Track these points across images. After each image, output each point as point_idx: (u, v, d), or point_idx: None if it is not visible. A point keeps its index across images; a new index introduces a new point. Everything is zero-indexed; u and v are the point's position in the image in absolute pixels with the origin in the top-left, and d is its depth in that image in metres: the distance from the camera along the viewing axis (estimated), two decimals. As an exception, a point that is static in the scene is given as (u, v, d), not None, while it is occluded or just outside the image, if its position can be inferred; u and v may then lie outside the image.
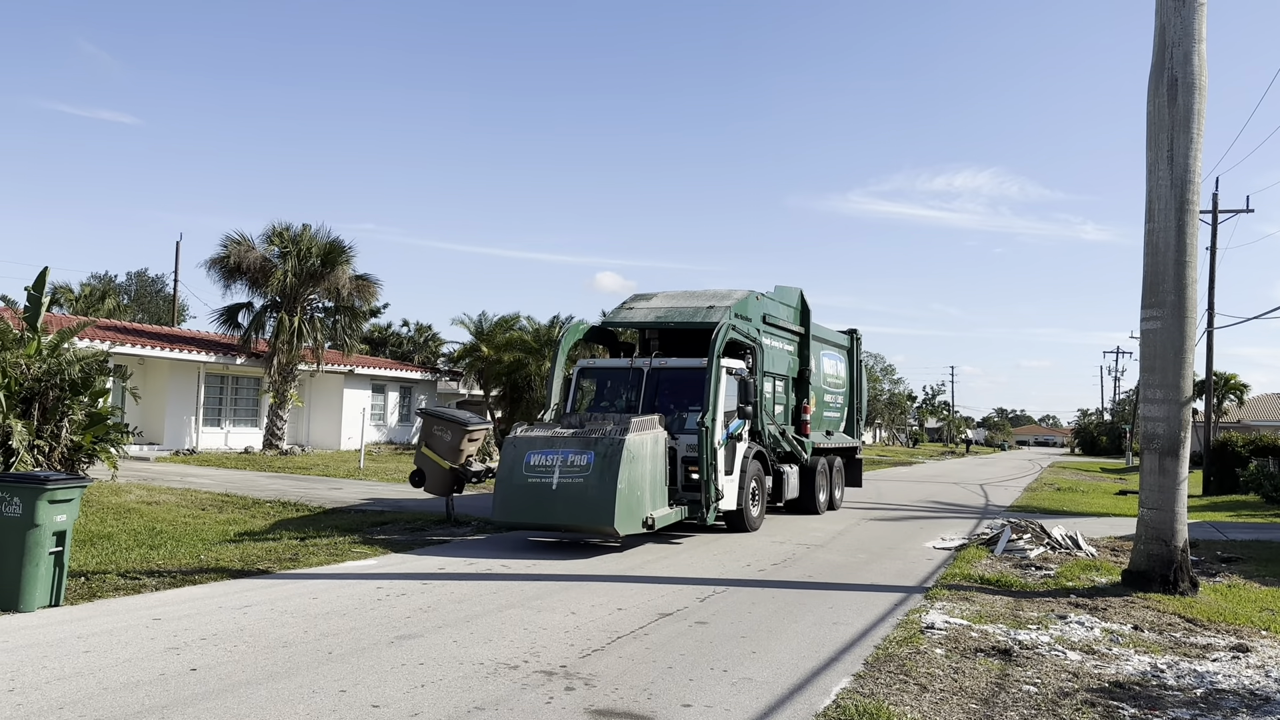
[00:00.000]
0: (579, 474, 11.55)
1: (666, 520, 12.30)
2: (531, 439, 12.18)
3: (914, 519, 18.51)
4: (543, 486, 11.69)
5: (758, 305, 15.68)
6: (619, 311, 15.95)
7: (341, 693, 5.69)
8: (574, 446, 11.78)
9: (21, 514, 7.69)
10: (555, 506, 11.63)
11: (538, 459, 11.84)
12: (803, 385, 17.52)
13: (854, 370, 20.75)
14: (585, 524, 11.70)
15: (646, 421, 12.36)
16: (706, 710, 5.64)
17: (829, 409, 19.21)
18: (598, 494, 11.35)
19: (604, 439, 11.68)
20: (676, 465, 12.99)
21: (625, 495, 11.37)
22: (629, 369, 14.44)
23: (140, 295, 61.66)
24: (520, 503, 11.87)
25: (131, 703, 5.37)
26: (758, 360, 14.85)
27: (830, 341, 19.55)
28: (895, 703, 5.87)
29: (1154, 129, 10.43)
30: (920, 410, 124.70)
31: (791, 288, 17.69)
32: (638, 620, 8.06)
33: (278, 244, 28.59)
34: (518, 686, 5.96)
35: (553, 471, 11.67)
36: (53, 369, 16.56)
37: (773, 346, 16.15)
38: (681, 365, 14.16)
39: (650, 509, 11.84)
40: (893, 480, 32.82)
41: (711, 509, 12.82)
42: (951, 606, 9.09)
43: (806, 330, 17.79)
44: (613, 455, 11.44)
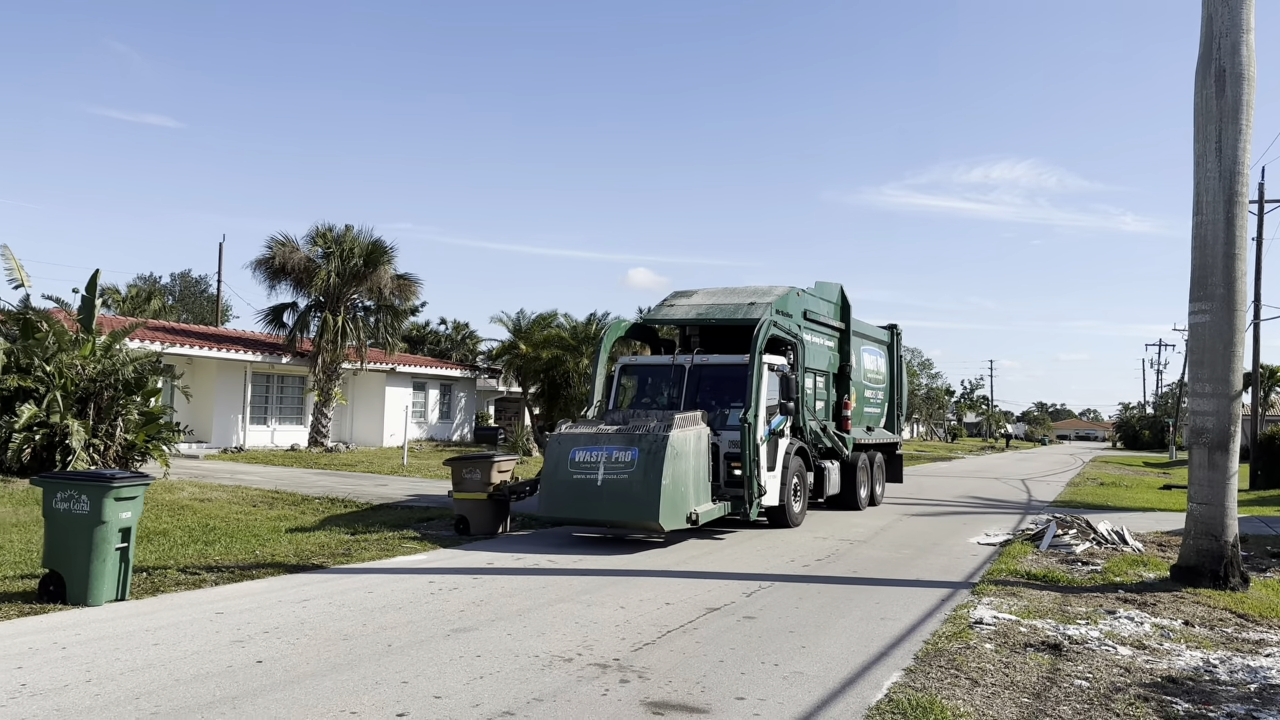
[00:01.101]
0: (624, 470, 11.64)
1: (710, 516, 12.36)
2: (576, 436, 12.27)
3: (956, 514, 18.45)
4: (588, 483, 11.79)
5: (798, 301, 15.67)
6: (660, 309, 16.03)
7: (404, 684, 5.85)
8: (618, 443, 11.88)
9: (89, 511, 7.94)
10: (600, 502, 11.73)
11: (583, 455, 11.95)
12: (843, 381, 17.48)
13: (894, 366, 20.66)
14: (630, 520, 11.79)
15: (689, 418, 12.40)
16: (760, 703, 5.73)
17: (869, 405, 19.13)
18: (642, 490, 11.45)
19: (648, 435, 11.76)
20: (719, 461, 13.02)
21: (669, 491, 11.46)
22: (670, 366, 14.47)
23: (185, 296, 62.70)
24: (566, 499, 11.99)
25: (203, 693, 5.56)
26: (799, 356, 14.89)
27: (870, 337, 19.46)
28: (948, 696, 5.93)
29: (1201, 120, 10.34)
30: (958, 405, 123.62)
31: (831, 283, 17.68)
32: (686, 615, 8.16)
33: (321, 245, 29.01)
34: (573, 679, 6.09)
35: (598, 468, 11.78)
36: (107, 370, 17.00)
37: (813, 342, 16.12)
38: (723, 362, 14.17)
39: (694, 505, 11.92)
40: (932, 475, 32.65)
41: (754, 505, 12.87)
42: (999, 602, 9.10)
43: (847, 326, 17.73)
44: (657, 452, 11.54)
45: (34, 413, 15.97)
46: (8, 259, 18.60)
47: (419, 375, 35.62)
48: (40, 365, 16.54)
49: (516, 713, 5.36)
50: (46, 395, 16.27)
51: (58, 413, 16.25)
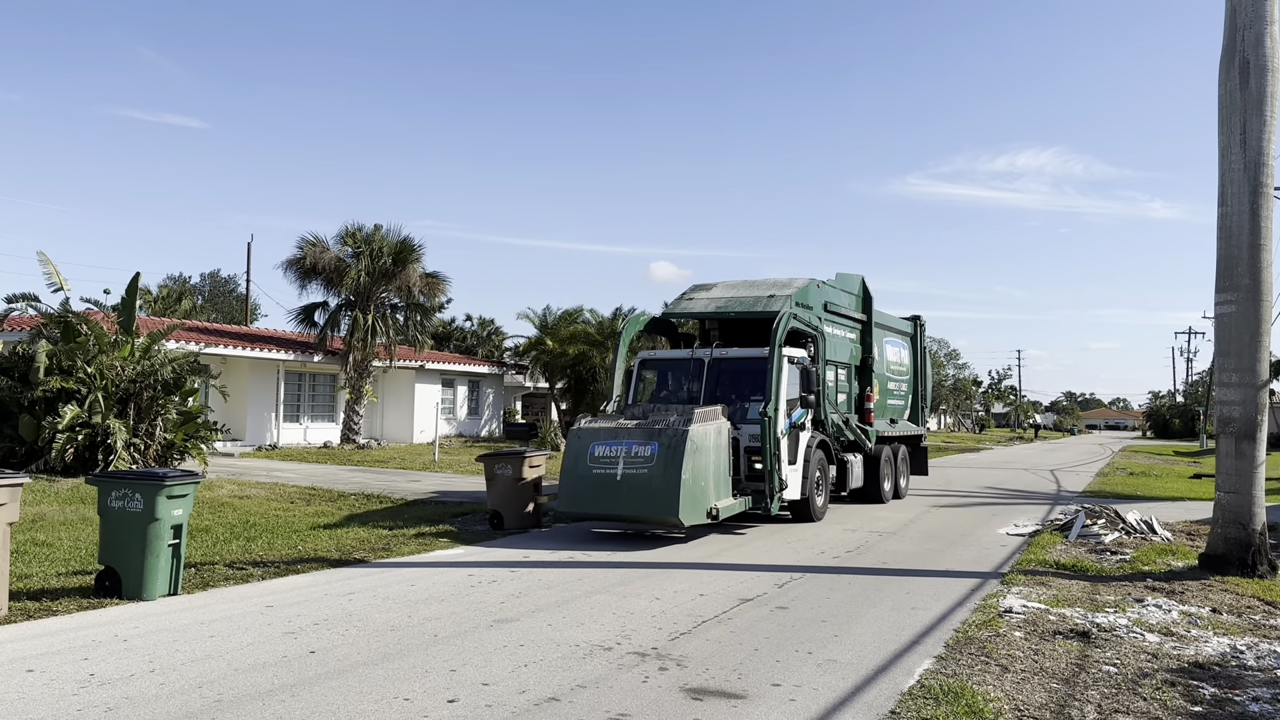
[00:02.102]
0: (643, 465, 11.57)
1: (731, 511, 12.29)
2: (596, 430, 12.23)
3: (985, 505, 18.53)
4: (607, 478, 11.73)
5: (819, 293, 15.58)
6: (679, 302, 15.87)
7: (452, 672, 6.10)
8: (638, 438, 11.81)
9: (143, 509, 8.23)
10: (620, 497, 11.66)
11: (602, 450, 11.89)
12: (866, 373, 17.33)
13: (918, 357, 20.43)
14: (650, 515, 11.75)
15: (709, 412, 12.35)
16: (796, 689, 5.92)
17: (893, 397, 19.00)
18: (662, 485, 11.37)
19: (668, 430, 11.70)
20: (739, 456, 12.93)
21: (689, 486, 11.38)
22: (690, 359, 14.43)
23: (214, 295, 63.50)
24: (585, 494, 11.93)
25: (262, 682, 5.82)
26: (820, 349, 14.81)
27: (893, 328, 19.30)
28: (978, 682, 6.10)
29: (1226, 112, 10.40)
30: (986, 395, 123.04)
31: (853, 274, 17.48)
32: (720, 605, 8.36)
33: (351, 244, 29.41)
34: (614, 667, 6.31)
35: (617, 463, 11.71)
36: (146, 370, 17.39)
37: (835, 334, 16.03)
38: (743, 355, 14.16)
39: (714, 500, 11.84)
40: (960, 467, 32.64)
41: (775, 499, 12.84)
42: (1028, 591, 9.24)
43: (869, 317, 17.57)
44: (676, 446, 11.45)
45: (76, 413, 16.37)
46: (45, 264, 19.01)
47: (448, 372, 35.99)
48: (82, 367, 16.95)
49: (561, 698, 5.59)
50: (88, 396, 16.68)
51: (99, 413, 16.66)
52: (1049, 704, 5.75)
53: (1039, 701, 5.78)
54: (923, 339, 20.72)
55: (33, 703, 5.36)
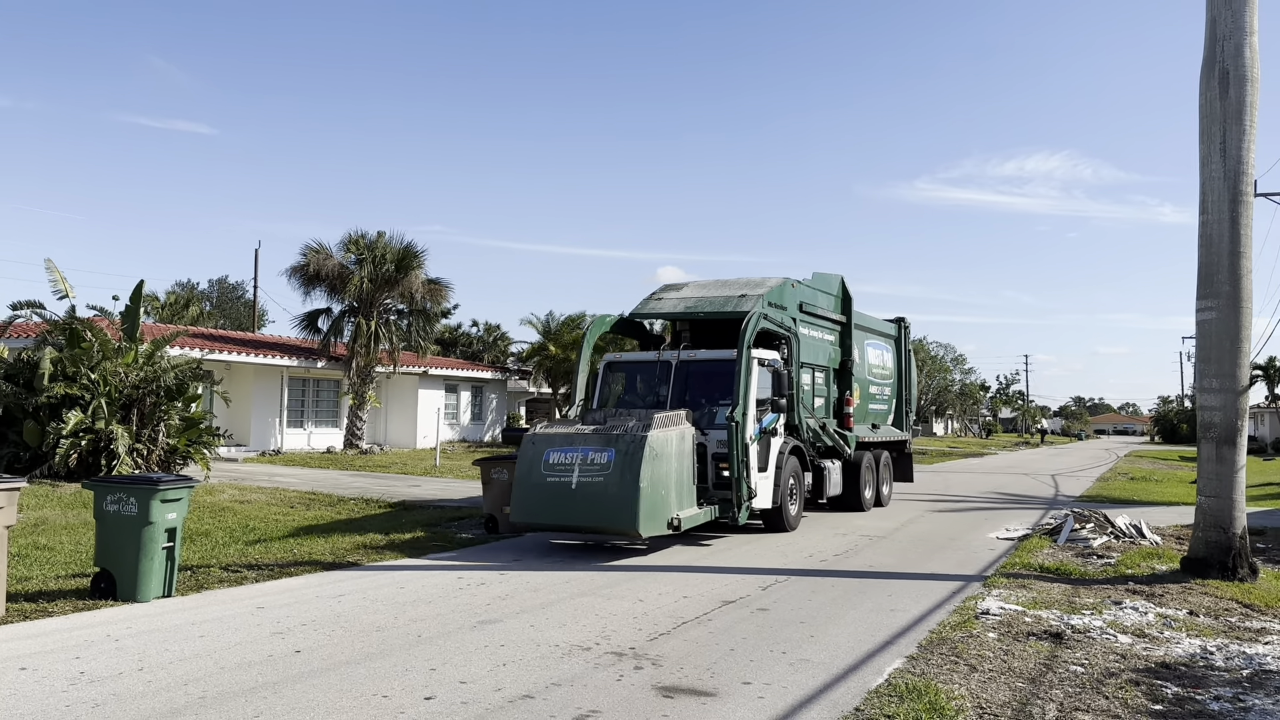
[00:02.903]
0: (599, 473, 11.03)
1: (694, 521, 11.72)
2: (551, 436, 11.69)
3: (979, 510, 18.64)
4: (562, 486, 11.17)
5: (793, 293, 15.06)
6: (647, 303, 15.29)
7: (431, 670, 6.27)
8: (594, 444, 11.27)
9: (137, 513, 8.43)
10: (575, 507, 11.12)
11: (557, 457, 11.35)
12: (845, 377, 16.80)
13: (902, 360, 19.93)
14: (606, 525, 11.14)
15: (672, 417, 11.84)
16: (765, 687, 6.07)
17: (875, 401, 18.48)
18: (619, 493, 10.83)
19: (625, 435, 11.15)
20: (707, 462, 12.42)
21: (648, 495, 10.84)
22: (656, 362, 13.88)
23: (222, 301, 63.88)
24: (538, 503, 11.37)
25: (246, 680, 6.00)
26: (793, 350, 14.31)
27: (875, 330, 18.76)
28: (944, 681, 6.24)
29: (1206, 122, 10.54)
30: (994, 400, 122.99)
31: (831, 274, 16.91)
32: (702, 607, 8.52)
33: (354, 251, 29.66)
34: (590, 666, 6.47)
35: (572, 470, 11.16)
36: (149, 377, 17.62)
37: (811, 336, 15.56)
38: (711, 357, 13.61)
39: (676, 509, 11.28)
40: (961, 472, 32.75)
41: (743, 508, 12.26)
42: (1008, 594, 9.37)
43: (848, 318, 17.04)
44: (634, 453, 10.94)
45: (80, 419, 16.60)
46: (52, 271, 19.25)
47: (451, 378, 36.21)
48: (86, 373, 17.18)
49: (536, 695, 5.76)
50: (92, 402, 16.91)
51: (103, 419, 16.88)
52: (1011, 702, 5.89)
53: (1002, 699, 5.93)
54: (907, 341, 20.28)
55: (24, 699, 5.55)
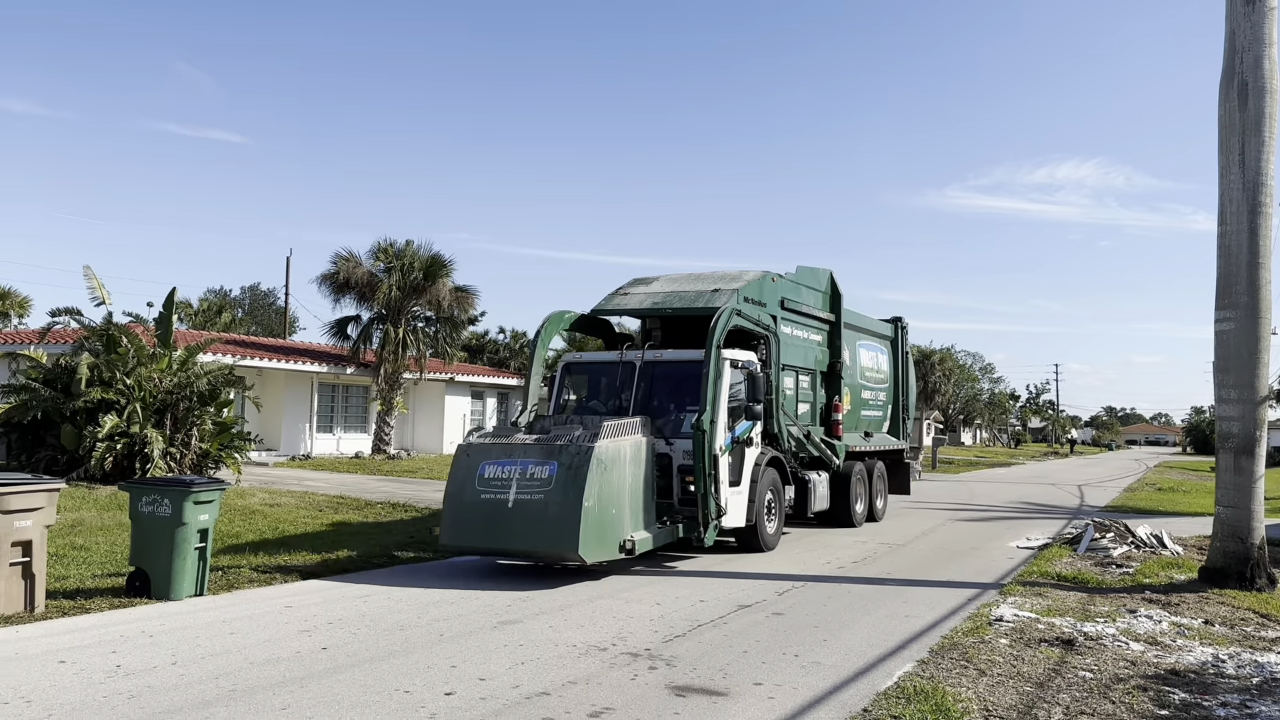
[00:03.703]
0: (540, 489, 9.78)
1: (651, 543, 10.52)
2: (488, 447, 10.43)
3: (1001, 520, 18.65)
4: (497, 504, 9.90)
5: (774, 288, 13.73)
6: (612, 298, 13.93)
7: (452, 668, 6.49)
8: (535, 456, 10.01)
9: (171, 514, 8.71)
10: (511, 528, 9.86)
11: (493, 471, 10.08)
12: (834, 380, 15.40)
13: (899, 363, 18.65)
14: (544, 549, 9.97)
15: (626, 425, 10.64)
16: (776, 688, 6.23)
17: (868, 407, 17.19)
18: (560, 513, 9.59)
19: (570, 446, 9.94)
20: (673, 476, 11.32)
21: (594, 514, 9.63)
22: (618, 363, 12.59)
23: (254, 308, 64.78)
24: (471, 524, 10.15)
25: (274, 675, 6.23)
26: (772, 351, 13.08)
27: (869, 331, 17.44)
28: (953, 684, 6.37)
29: (1225, 133, 10.60)
30: (1023, 410, 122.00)
31: (819, 269, 15.64)
32: (718, 610, 8.68)
33: (383, 259, 30.05)
34: (606, 665, 6.66)
35: (509, 486, 9.90)
36: (183, 382, 18.01)
37: (794, 336, 14.30)
38: (678, 358, 12.30)
39: (630, 530, 10.15)
40: (987, 481, 32.65)
41: (710, 527, 11.04)
42: (1023, 601, 9.45)
43: (838, 317, 15.69)
44: (579, 466, 9.70)
45: (116, 423, 16.99)
46: (90, 279, 19.70)
47: (477, 384, 36.54)
48: (121, 379, 17.59)
49: (552, 693, 5.95)
50: (127, 407, 17.30)
51: (137, 423, 17.27)
52: (1017, 705, 6.01)
53: (1008, 703, 6.05)
54: (905, 343, 19.06)
55: (64, 690, 5.81)
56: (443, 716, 5.45)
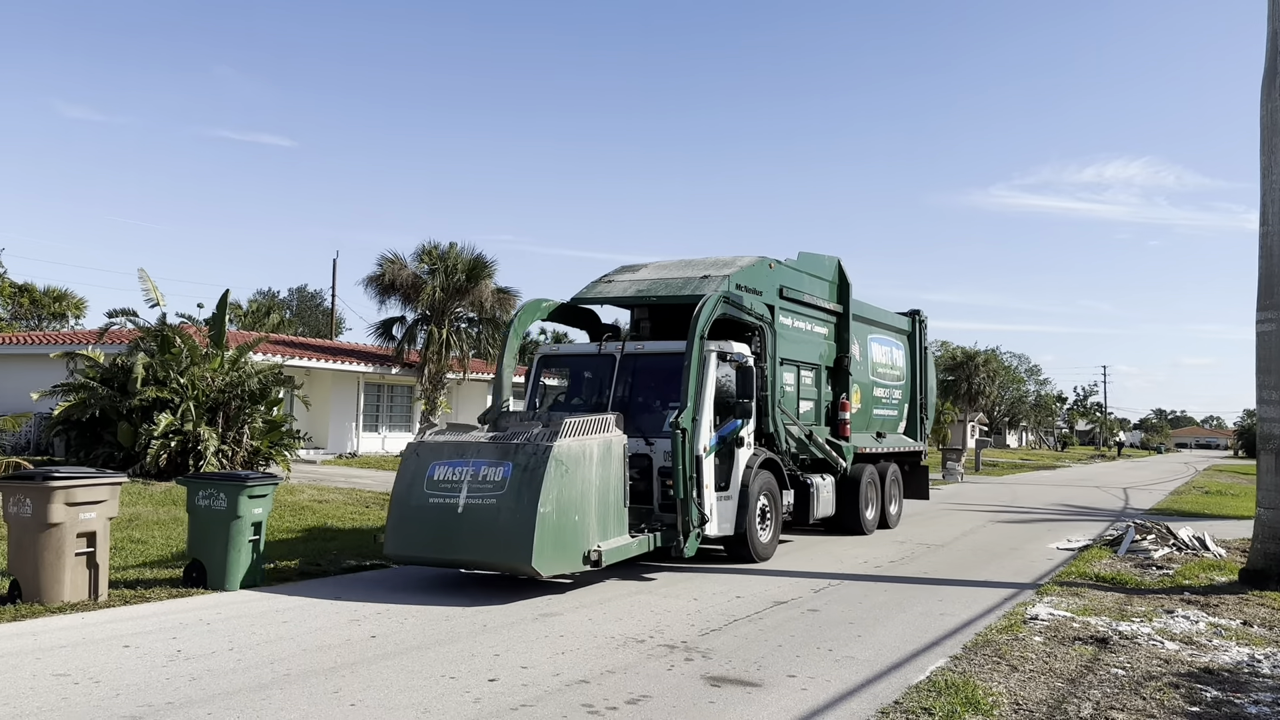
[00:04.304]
0: (491, 493, 8.87)
1: (623, 553, 9.64)
2: (439, 446, 9.54)
3: (1042, 521, 18.58)
4: (446, 510, 9.01)
5: (771, 275, 12.71)
6: (595, 285, 13.04)
7: (495, 656, 6.73)
8: (489, 456, 9.11)
9: (226, 507, 9.06)
10: (460, 537, 8.94)
11: (443, 472, 9.20)
12: (842, 376, 14.46)
13: (917, 359, 17.47)
14: (495, 560, 9.04)
15: (594, 421, 9.66)
16: (809, 680, 6.39)
17: (881, 406, 16.12)
18: (512, 520, 8.67)
19: (526, 446, 9.02)
20: (653, 479, 10.55)
21: (551, 522, 8.68)
22: (597, 356, 11.79)
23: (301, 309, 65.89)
24: (417, 531, 9.27)
25: (325, 660, 6.52)
26: (767, 343, 12.12)
27: (881, 323, 16.36)
28: (984, 679, 6.48)
29: (1267, 134, 10.57)
30: (1070, 412, 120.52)
31: (824, 256, 14.57)
32: (754, 606, 8.85)
33: (427, 262, 30.54)
34: (643, 656, 6.86)
35: (460, 489, 9.01)
36: (235, 381, 18.50)
37: (795, 328, 13.30)
38: (660, 350, 11.44)
39: (597, 539, 9.23)
40: (1030, 484, 32.44)
41: (691, 535, 10.13)
42: (1059, 601, 9.50)
43: (846, 309, 14.68)
44: (535, 468, 8.77)
45: (170, 421, 17.51)
46: (144, 281, 20.27)
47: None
48: (175, 378, 18.12)
49: (591, 681, 6.16)
50: (181, 405, 17.82)
51: (191, 421, 17.78)
52: (1047, 700, 6.11)
53: (1039, 698, 6.15)
54: (922, 338, 17.79)
55: (129, 672, 6.14)
56: (487, 701, 5.69)
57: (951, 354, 76.44)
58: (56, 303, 46.93)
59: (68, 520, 8.12)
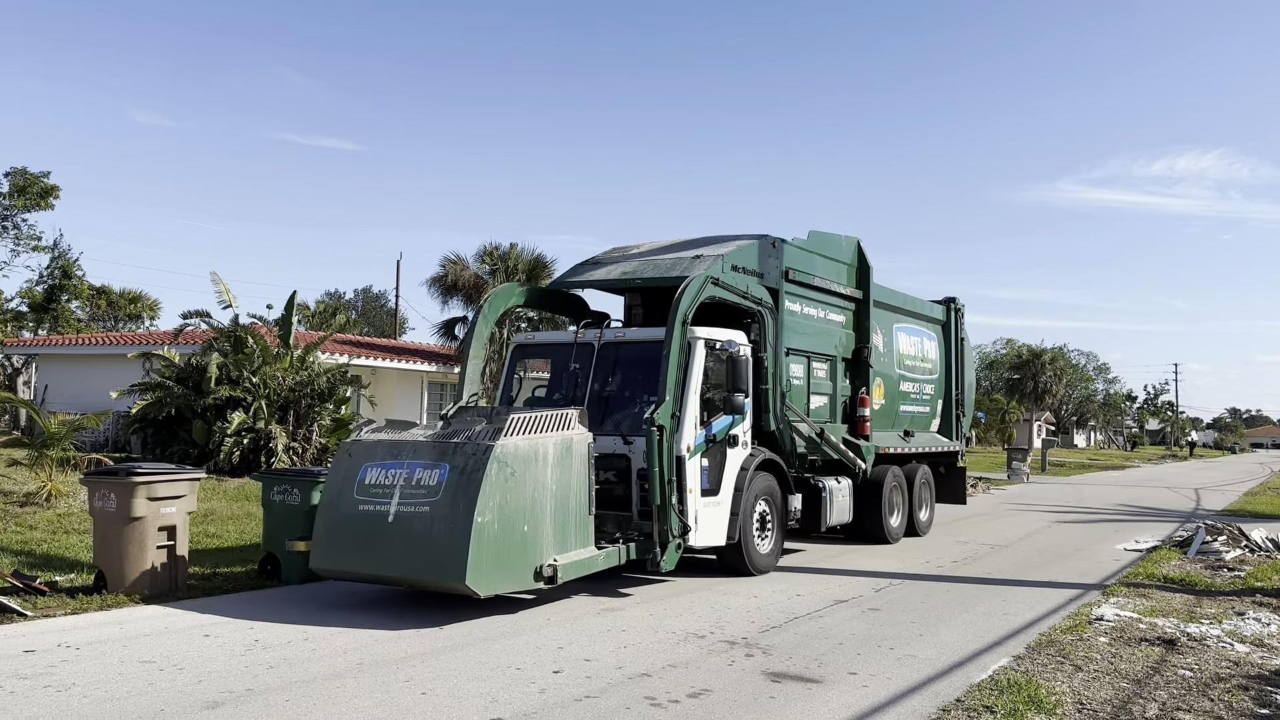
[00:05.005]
0: (425, 499, 7.80)
1: (585, 568, 8.48)
2: (373, 445, 8.46)
3: (1109, 522, 18.27)
4: (376, 519, 7.95)
5: (774, 256, 11.55)
6: (579, 269, 12.12)
7: (559, 649, 6.90)
8: (425, 457, 8.05)
9: (300, 502, 9.35)
10: (389, 549, 7.87)
11: (376, 475, 8.15)
12: (860, 369, 13.18)
13: (953, 351, 16.07)
14: (425, 577, 7.89)
15: (550, 418, 8.46)
16: (870, 678, 6.43)
17: (909, 401, 14.79)
18: (445, 531, 7.58)
19: (466, 445, 7.93)
20: (631, 483, 9.51)
21: (491, 533, 7.57)
22: (573, 345, 10.64)
23: (366, 310, 67.15)
24: (344, 542, 8.18)
25: (396, 650, 6.75)
26: (767, 330, 11.01)
27: (910, 312, 14.98)
28: (1048, 678, 6.46)
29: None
30: (1140, 411, 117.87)
31: (840, 235, 13.23)
32: (814, 604, 8.89)
33: (488, 262, 31.00)
34: (704, 651, 6.96)
35: (391, 495, 7.96)
36: (304, 380, 18.97)
37: (805, 314, 12.13)
38: (643, 339, 10.44)
39: (554, 551, 8.10)
40: (1098, 484, 31.85)
41: (671, 547, 8.97)
42: (1126, 602, 9.38)
43: (866, 294, 13.34)
44: (474, 470, 7.68)
45: (243, 419, 18.02)
46: (217, 283, 20.86)
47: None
48: (248, 377, 18.64)
49: (653, 674, 6.28)
50: (253, 404, 18.33)
51: (263, 419, 18.28)
52: (1112, 700, 6.07)
53: (1103, 697, 6.11)
54: (960, 328, 16.36)
55: (211, 660, 6.41)
56: (552, 691, 5.84)
57: (1017, 352, 75.32)
58: (132, 304, 48.50)
59: (150, 514, 8.46)
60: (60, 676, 5.95)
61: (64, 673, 6.03)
